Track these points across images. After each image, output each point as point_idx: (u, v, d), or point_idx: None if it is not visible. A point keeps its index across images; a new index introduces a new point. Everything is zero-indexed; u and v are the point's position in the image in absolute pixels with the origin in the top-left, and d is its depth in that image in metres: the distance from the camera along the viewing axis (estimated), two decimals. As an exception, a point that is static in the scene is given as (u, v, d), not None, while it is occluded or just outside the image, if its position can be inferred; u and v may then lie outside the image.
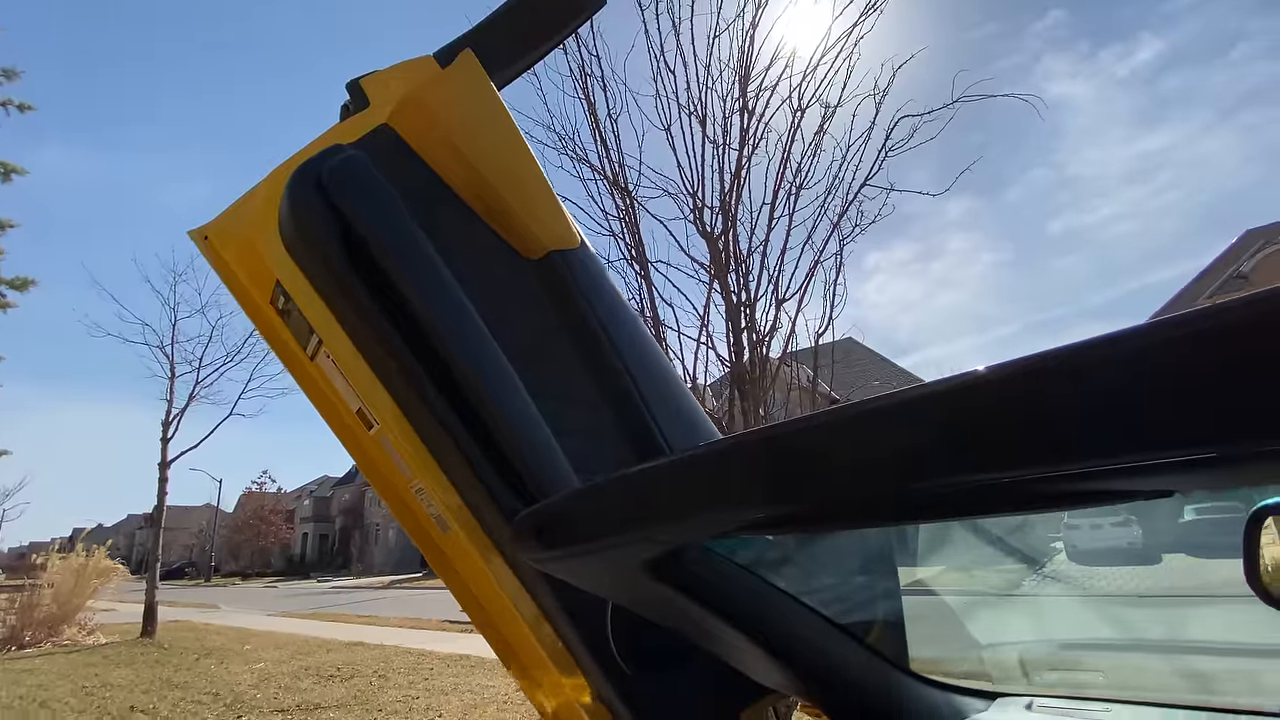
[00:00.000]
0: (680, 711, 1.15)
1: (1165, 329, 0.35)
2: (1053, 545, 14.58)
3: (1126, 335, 0.36)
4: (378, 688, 6.88)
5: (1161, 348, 0.34)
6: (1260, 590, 0.48)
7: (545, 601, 1.09)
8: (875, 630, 1.25)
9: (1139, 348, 0.35)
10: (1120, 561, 12.94)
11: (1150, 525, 14.61)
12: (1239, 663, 1.70)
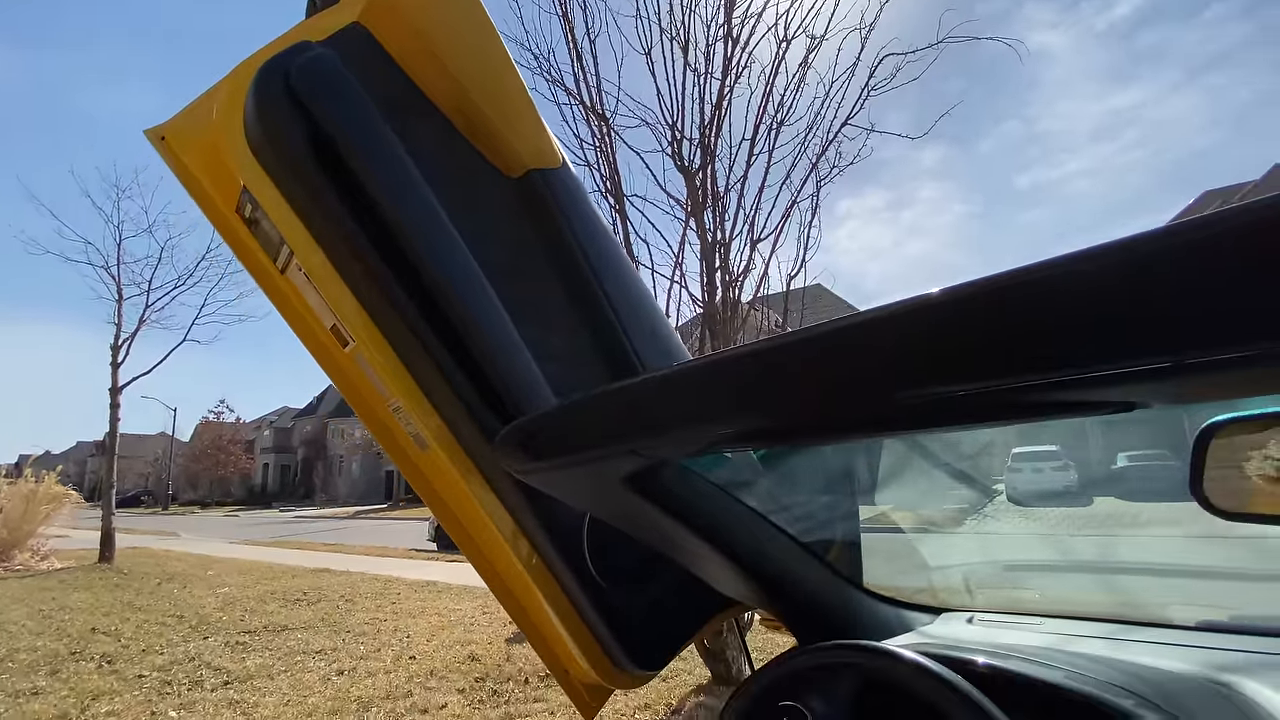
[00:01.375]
0: (651, 621, 1.21)
1: (1117, 251, 0.36)
2: (994, 488, 15.49)
3: (1080, 254, 0.37)
4: (345, 611, 7.04)
5: (1118, 265, 0.36)
6: (1202, 499, 0.53)
7: (523, 518, 1.12)
8: (834, 550, 1.32)
9: (1095, 268, 0.37)
10: (1056, 503, 13.85)
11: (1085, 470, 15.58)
12: (1156, 582, 1.90)
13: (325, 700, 4.19)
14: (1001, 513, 13.40)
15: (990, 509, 13.69)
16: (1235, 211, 0.33)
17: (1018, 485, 14.83)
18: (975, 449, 16.06)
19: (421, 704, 4.08)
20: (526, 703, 4.07)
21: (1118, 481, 15.29)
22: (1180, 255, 0.34)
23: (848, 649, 0.74)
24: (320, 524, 23.81)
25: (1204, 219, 0.34)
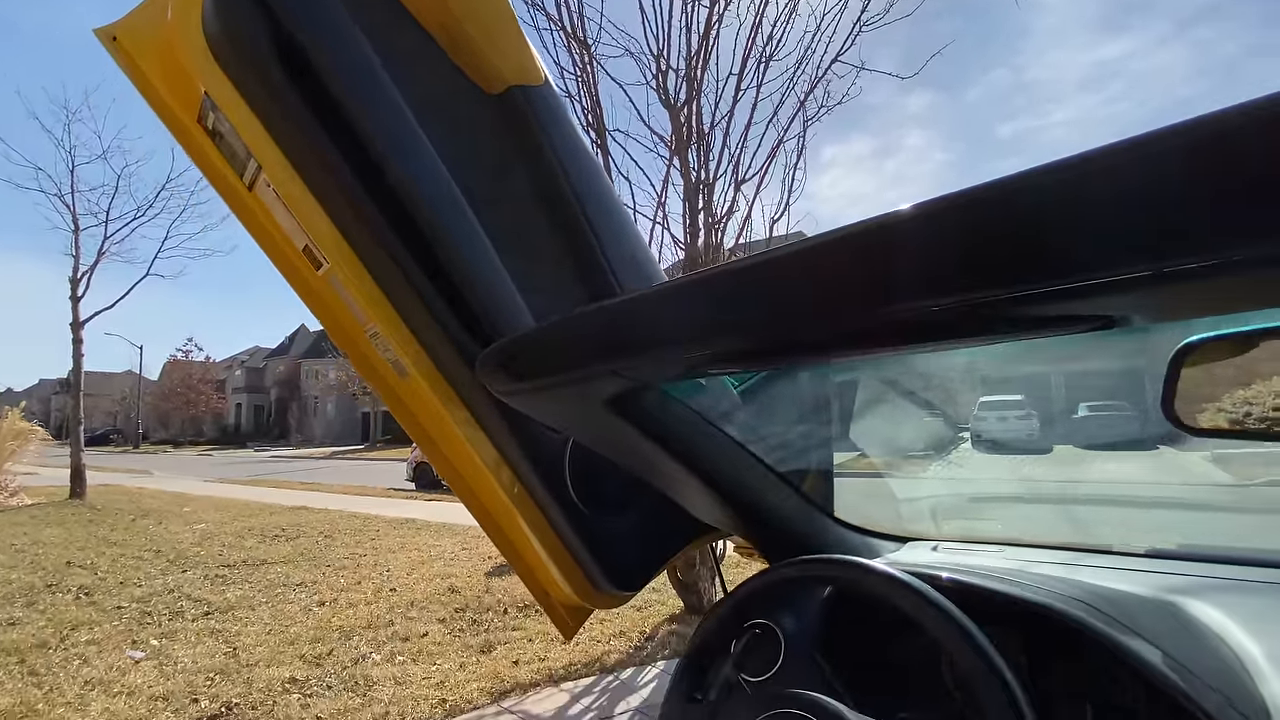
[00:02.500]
0: (629, 544, 1.24)
1: (1098, 158, 0.36)
2: (960, 436, 16.07)
3: (1058, 163, 0.37)
4: (324, 546, 7.12)
5: (1100, 172, 0.36)
6: (1173, 418, 0.55)
7: (504, 445, 1.12)
8: (808, 480, 1.36)
9: (1072, 176, 0.37)
10: (1017, 451, 14.43)
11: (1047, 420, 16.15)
12: (1110, 515, 2.02)
13: (307, 629, 4.29)
14: (966, 459, 13.93)
15: (955, 455, 14.23)
16: (1210, 117, 0.33)
17: (982, 433, 15.38)
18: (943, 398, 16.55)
19: (403, 633, 4.20)
20: (505, 631, 4.21)
21: (1078, 430, 15.95)
22: (1163, 159, 0.34)
23: (818, 563, 0.77)
24: (296, 464, 23.81)
25: (1176, 127, 0.33)
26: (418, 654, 3.84)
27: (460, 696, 3.24)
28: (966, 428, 16.06)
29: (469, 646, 3.94)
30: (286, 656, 3.81)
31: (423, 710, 3.09)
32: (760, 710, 0.69)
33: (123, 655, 3.86)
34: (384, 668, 3.64)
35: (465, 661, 3.71)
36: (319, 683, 3.44)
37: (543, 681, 3.44)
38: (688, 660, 0.84)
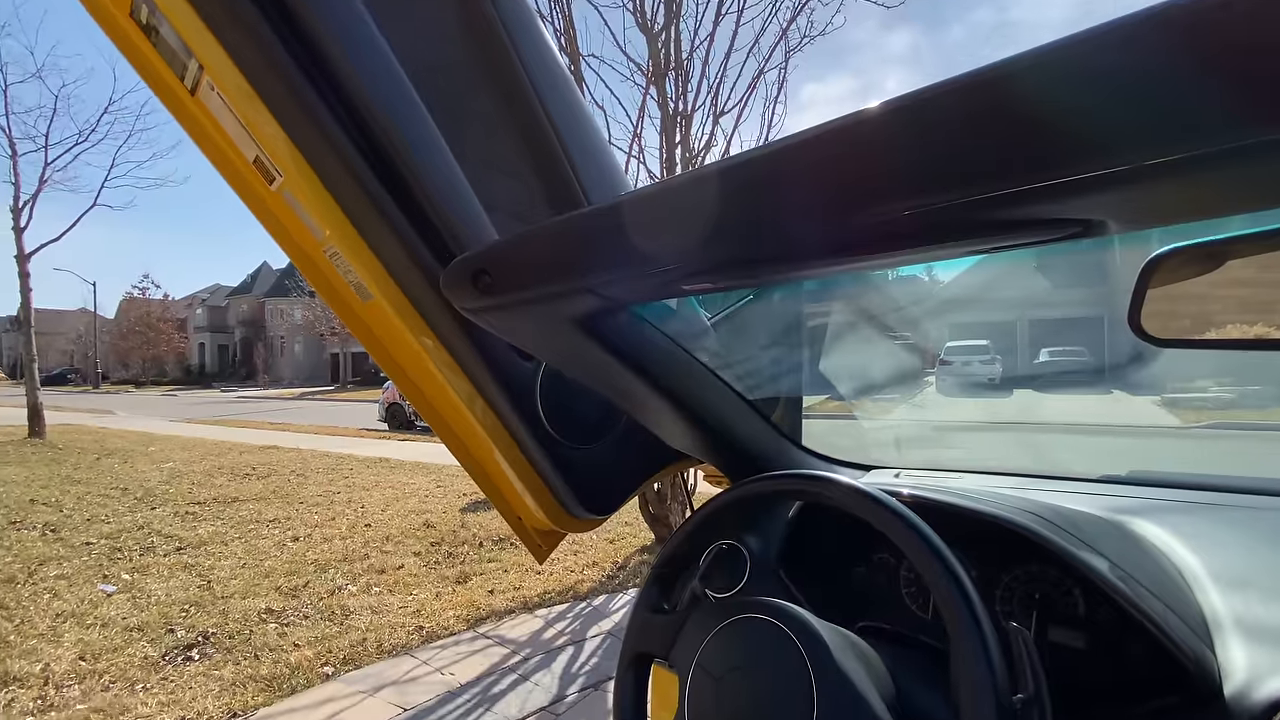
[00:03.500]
0: (601, 470, 1.25)
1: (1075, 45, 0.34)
2: (925, 380, 16.56)
3: (1029, 54, 0.35)
4: (297, 484, 7.11)
5: (1079, 59, 0.34)
6: (1138, 329, 0.55)
7: (474, 371, 1.10)
8: (777, 409, 1.38)
9: (1050, 62, 0.35)
10: (980, 394, 14.94)
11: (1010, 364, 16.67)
12: (1064, 445, 2.11)
13: (281, 563, 4.32)
14: (929, 401, 14.39)
15: (920, 398, 14.70)
16: None
17: (947, 377, 15.86)
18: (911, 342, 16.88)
19: (379, 565, 4.26)
20: (481, 563, 4.30)
21: (1038, 374, 16.55)
22: (1143, 41, 0.32)
23: (785, 478, 0.78)
24: (265, 404, 23.48)
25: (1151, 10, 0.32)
26: (394, 585, 3.91)
27: (437, 624, 3.33)
28: (932, 372, 16.54)
29: (445, 578, 4.03)
30: (262, 589, 3.85)
31: (400, 637, 3.18)
32: (725, 617, 0.71)
33: (94, 589, 3.86)
34: (360, 598, 3.71)
35: (441, 592, 3.80)
36: (295, 613, 3.50)
37: (518, 609, 3.55)
38: (655, 574, 0.85)
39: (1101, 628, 0.77)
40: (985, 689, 0.50)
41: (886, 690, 0.61)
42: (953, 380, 15.79)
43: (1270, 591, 0.72)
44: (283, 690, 2.68)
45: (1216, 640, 0.66)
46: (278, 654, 2.99)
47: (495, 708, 2.54)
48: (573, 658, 2.97)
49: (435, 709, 2.53)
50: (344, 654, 2.99)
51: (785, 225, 0.52)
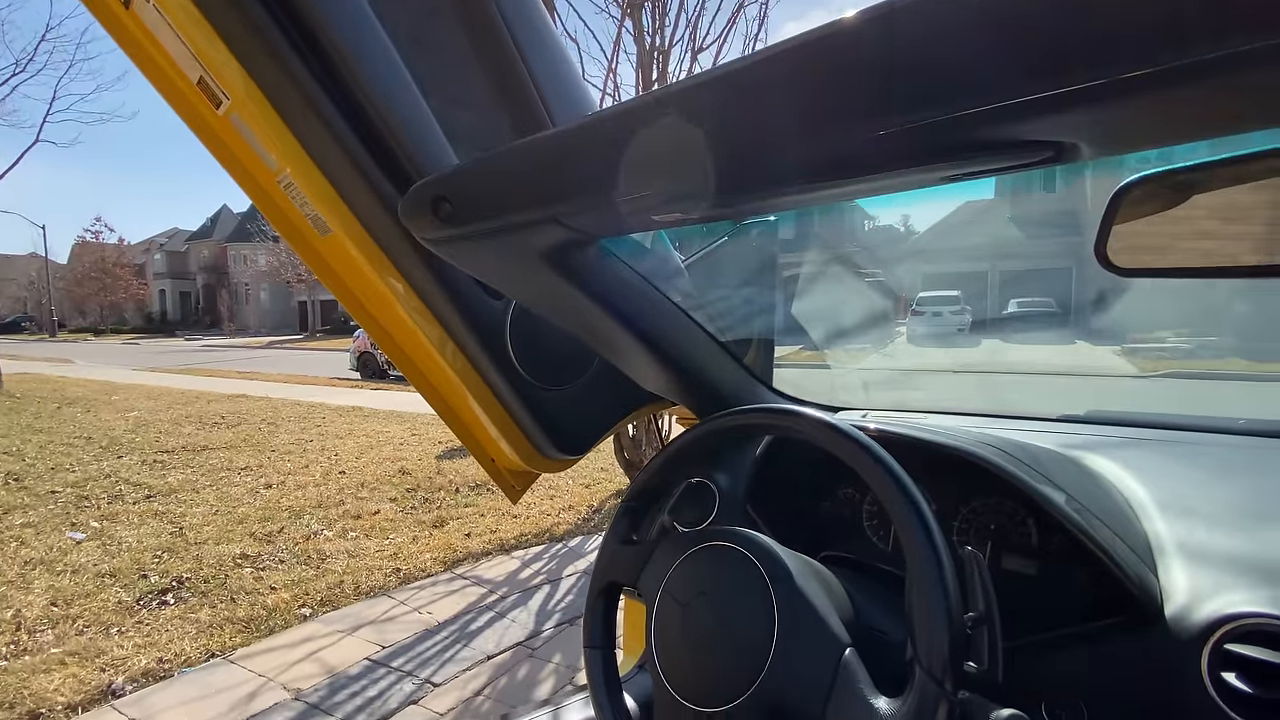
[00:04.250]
0: (573, 411, 1.25)
1: None
2: (897, 330, 16.82)
3: None
4: (268, 433, 7.03)
5: None
6: (1104, 259, 0.56)
7: (441, 309, 1.08)
8: (749, 351, 1.38)
9: None
10: (949, 344, 15.26)
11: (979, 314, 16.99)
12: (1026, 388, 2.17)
13: (255, 510, 4.31)
14: (899, 351, 14.66)
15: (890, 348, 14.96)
16: None
17: (918, 328, 16.12)
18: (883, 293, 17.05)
19: (354, 511, 4.27)
20: (457, 508, 4.34)
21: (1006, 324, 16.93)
22: None
23: (754, 411, 0.78)
24: (232, 353, 22.96)
25: None
26: (370, 530, 3.94)
27: (414, 566, 3.38)
28: (904, 322, 16.79)
29: (421, 522, 4.07)
30: (236, 535, 3.85)
31: (377, 579, 3.22)
32: (691, 545, 0.72)
33: (63, 537, 3.82)
34: (336, 543, 3.73)
35: (418, 535, 3.84)
36: (271, 557, 3.51)
37: (494, 551, 3.61)
38: (625, 507, 0.86)
39: (1052, 555, 0.80)
40: (939, 607, 0.52)
41: (846, 612, 0.63)
42: (923, 330, 16.07)
43: (1211, 519, 0.75)
44: (260, 631, 2.71)
45: (1160, 565, 0.70)
46: (254, 597, 3.01)
47: (473, 643, 2.61)
48: (549, 596, 3.04)
49: (413, 645, 2.59)
50: (321, 596, 3.03)
51: (753, 147, 0.50)
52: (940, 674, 0.50)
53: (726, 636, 0.62)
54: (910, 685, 0.51)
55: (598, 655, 0.79)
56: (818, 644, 0.58)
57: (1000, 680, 0.54)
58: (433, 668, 2.42)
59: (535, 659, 2.50)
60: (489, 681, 2.34)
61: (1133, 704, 0.61)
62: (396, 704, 2.19)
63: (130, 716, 2.14)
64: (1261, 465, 0.94)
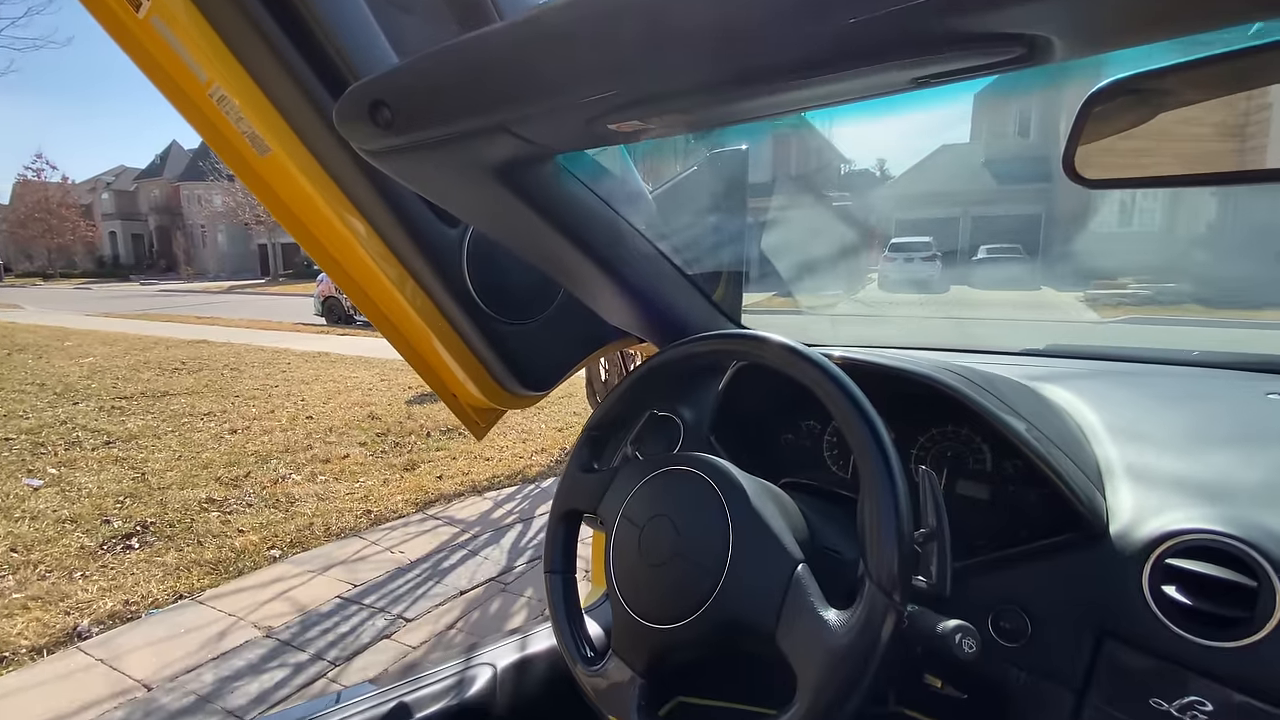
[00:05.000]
0: (537, 347, 1.22)
1: None
2: (869, 276, 16.96)
3: None
4: (231, 378, 6.87)
5: None
6: (1071, 171, 0.54)
7: (393, 238, 1.03)
8: (718, 287, 1.35)
9: None
10: (919, 290, 15.46)
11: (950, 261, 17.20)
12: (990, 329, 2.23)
13: (220, 455, 4.25)
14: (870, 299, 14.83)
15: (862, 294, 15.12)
16: None
17: (890, 274, 16.26)
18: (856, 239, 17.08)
19: (323, 455, 4.24)
20: (429, 451, 4.33)
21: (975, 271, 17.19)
22: None
23: (717, 336, 0.76)
24: (190, 298, 22.18)
25: None
26: (340, 474, 3.92)
27: (385, 508, 3.38)
28: (876, 269, 16.93)
29: (392, 466, 4.05)
30: (201, 480, 3.79)
31: (347, 521, 3.22)
32: (650, 471, 0.71)
33: (19, 483, 3.72)
34: (305, 486, 3.70)
35: (389, 479, 3.83)
36: (238, 501, 3.48)
37: (467, 492, 3.63)
38: (586, 435, 0.85)
39: (1007, 480, 0.81)
40: (889, 522, 0.52)
41: (801, 532, 0.64)
42: (895, 275, 16.23)
43: (1159, 443, 0.76)
44: (229, 573, 2.71)
45: (1108, 486, 0.71)
46: (222, 540, 2.99)
47: (445, 580, 2.64)
48: (521, 534, 3.09)
49: (386, 583, 2.61)
50: (290, 538, 3.02)
51: (716, 38, 0.46)
52: (889, 586, 0.50)
53: (682, 556, 0.62)
54: (860, 597, 0.51)
55: (558, 580, 0.79)
56: (771, 561, 0.58)
57: (948, 594, 0.55)
58: (405, 604, 2.45)
59: (508, 593, 2.55)
60: (462, 615, 2.38)
61: (1075, 615, 0.63)
62: (369, 639, 2.23)
63: (97, 657, 2.14)
64: (1210, 393, 0.96)
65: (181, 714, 1.86)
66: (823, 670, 0.50)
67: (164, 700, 1.92)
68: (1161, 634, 0.57)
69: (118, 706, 1.90)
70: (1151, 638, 0.57)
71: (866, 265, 17.27)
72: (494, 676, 1.12)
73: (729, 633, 0.58)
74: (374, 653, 2.15)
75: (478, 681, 1.10)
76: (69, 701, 1.92)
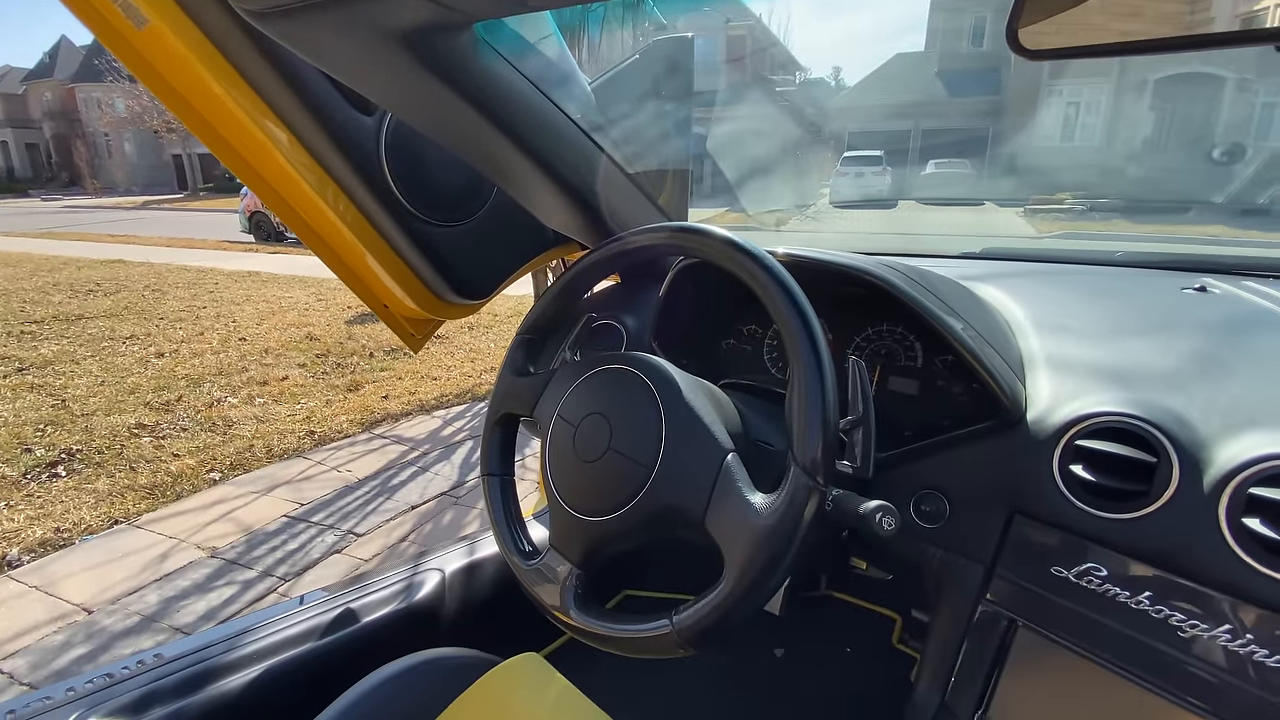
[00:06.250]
0: (473, 253, 1.16)
1: None
2: (821, 191, 16.92)
3: None
4: (153, 300, 6.45)
5: None
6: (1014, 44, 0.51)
7: (298, 124, 0.93)
8: (663, 191, 1.30)
9: None
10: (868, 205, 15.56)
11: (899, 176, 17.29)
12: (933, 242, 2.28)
13: (147, 380, 4.04)
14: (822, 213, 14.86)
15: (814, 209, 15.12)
16: None
17: (841, 188, 16.26)
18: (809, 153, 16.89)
19: (260, 378, 4.08)
20: (373, 372, 4.22)
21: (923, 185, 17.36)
22: None
23: (654, 230, 0.73)
24: (101, 215, 20.38)
25: None
26: (279, 395, 3.80)
27: (329, 428, 3.32)
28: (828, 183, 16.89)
29: (334, 387, 3.95)
30: (128, 405, 3.62)
31: (290, 442, 3.15)
32: (584, 371, 0.69)
33: (-79, 414, 3.47)
34: (243, 409, 3.58)
35: (332, 399, 3.73)
36: (171, 426, 3.35)
37: (414, 411, 3.59)
38: (520, 339, 0.82)
39: (936, 374, 0.83)
40: (815, 407, 0.52)
41: (734, 425, 0.64)
42: (846, 190, 16.27)
43: (1079, 335, 0.79)
44: (167, 497, 2.63)
45: (1028, 376, 0.73)
46: (156, 465, 2.89)
47: (396, 496, 2.65)
48: (472, 450, 3.09)
49: (333, 501, 2.60)
50: (231, 460, 2.94)
51: None
52: (812, 469, 0.50)
53: (616, 450, 0.62)
54: (785, 480, 0.51)
55: (495, 482, 0.79)
56: (702, 451, 0.58)
57: (870, 476, 0.56)
58: (355, 520, 2.45)
59: (460, 506, 2.58)
60: (414, 529, 2.40)
61: (990, 496, 0.67)
62: (320, 554, 2.23)
63: (31, 584, 2.08)
64: (1129, 290, 1.00)
65: (127, 634, 1.85)
66: (748, 550, 0.51)
67: (106, 622, 1.90)
68: (1066, 509, 0.60)
69: (57, 630, 1.87)
70: (1057, 513, 0.61)
71: (819, 179, 17.20)
72: (442, 580, 1.13)
73: (661, 521, 0.59)
74: (325, 566, 2.16)
75: (426, 585, 1.11)
76: (2, 629, 1.87)
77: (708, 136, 8.75)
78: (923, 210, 15.20)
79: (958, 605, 0.67)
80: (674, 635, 0.54)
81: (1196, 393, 0.61)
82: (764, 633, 1.34)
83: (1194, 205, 11.58)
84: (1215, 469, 0.54)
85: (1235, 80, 15.76)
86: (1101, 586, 0.57)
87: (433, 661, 0.79)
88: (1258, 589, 0.50)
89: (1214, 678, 0.51)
